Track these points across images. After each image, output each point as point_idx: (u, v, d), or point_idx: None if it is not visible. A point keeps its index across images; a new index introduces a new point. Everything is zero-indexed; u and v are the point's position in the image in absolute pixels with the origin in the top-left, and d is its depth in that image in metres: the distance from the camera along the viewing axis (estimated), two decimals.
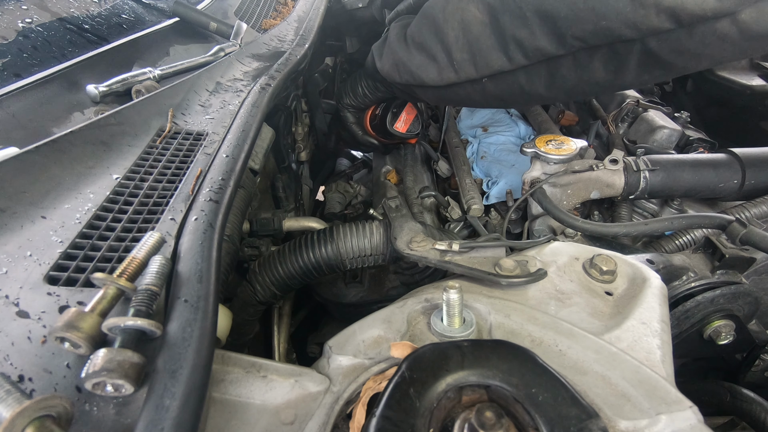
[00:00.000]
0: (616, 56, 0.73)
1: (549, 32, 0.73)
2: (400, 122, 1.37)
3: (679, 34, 0.66)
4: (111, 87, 0.83)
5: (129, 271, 0.45)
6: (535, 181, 1.02)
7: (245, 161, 0.67)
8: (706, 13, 0.61)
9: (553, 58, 0.77)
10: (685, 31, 0.65)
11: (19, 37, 0.84)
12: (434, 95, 1.01)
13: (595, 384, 0.48)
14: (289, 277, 0.90)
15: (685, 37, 0.66)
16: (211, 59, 1.00)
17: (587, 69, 0.77)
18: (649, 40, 0.68)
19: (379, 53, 1.07)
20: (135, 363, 0.38)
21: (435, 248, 0.75)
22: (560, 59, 0.77)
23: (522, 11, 0.75)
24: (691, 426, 0.44)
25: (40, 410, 0.32)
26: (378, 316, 0.60)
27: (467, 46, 0.84)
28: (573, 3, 0.68)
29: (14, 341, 0.41)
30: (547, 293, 0.64)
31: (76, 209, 0.56)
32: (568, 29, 0.71)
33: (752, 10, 0.61)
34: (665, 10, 0.63)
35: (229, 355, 0.52)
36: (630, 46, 0.70)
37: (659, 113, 1.30)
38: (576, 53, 0.75)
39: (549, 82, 0.82)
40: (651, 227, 0.87)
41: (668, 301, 0.65)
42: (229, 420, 0.47)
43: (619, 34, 0.68)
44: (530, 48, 0.77)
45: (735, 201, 1.02)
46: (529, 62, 0.79)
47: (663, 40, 0.67)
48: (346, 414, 0.49)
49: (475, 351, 0.45)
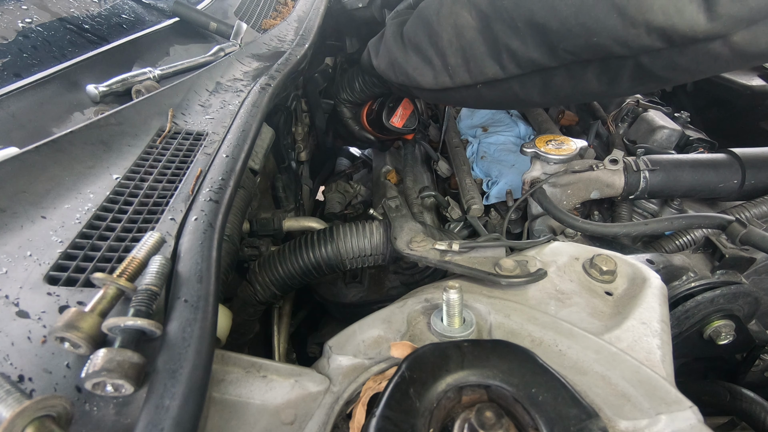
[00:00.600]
0: (609, 69, 0.72)
1: (541, 44, 0.73)
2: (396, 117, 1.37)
3: (671, 53, 0.65)
4: (111, 87, 0.82)
5: (129, 271, 0.45)
6: (535, 181, 1.02)
7: (245, 161, 0.67)
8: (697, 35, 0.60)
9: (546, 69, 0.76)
10: (677, 50, 0.64)
11: (19, 37, 0.84)
12: (431, 97, 1.01)
13: (595, 384, 0.48)
14: (289, 277, 0.90)
15: (677, 55, 0.65)
16: (211, 59, 1.00)
17: (581, 80, 0.76)
18: (641, 57, 0.67)
19: (375, 51, 1.06)
20: (135, 363, 0.38)
21: (435, 248, 0.75)
22: (554, 70, 0.76)
23: (514, 21, 0.74)
24: (691, 426, 0.44)
25: (40, 410, 0.32)
26: (378, 316, 0.60)
27: (461, 51, 0.84)
28: (564, 18, 0.67)
29: (14, 341, 0.41)
30: (547, 293, 0.64)
31: (76, 209, 0.56)
32: (559, 43, 0.70)
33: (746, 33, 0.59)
34: (656, 29, 0.62)
35: (229, 355, 0.52)
36: (622, 61, 0.70)
37: (659, 113, 1.30)
38: (569, 65, 0.74)
39: (543, 90, 0.81)
40: (651, 227, 0.87)
41: (668, 301, 0.65)
42: (229, 420, 0.47)
43: (610, 50, 0.67)
44: (523, 58, 0.76)
45: (735, 201, 1.02)
46: (522, 72, 0.79)
47: (655, 57, 0.66)
48: (346, 414, 0.49)
49: (475, 351, 0.45)
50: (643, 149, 1.18)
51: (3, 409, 0.33)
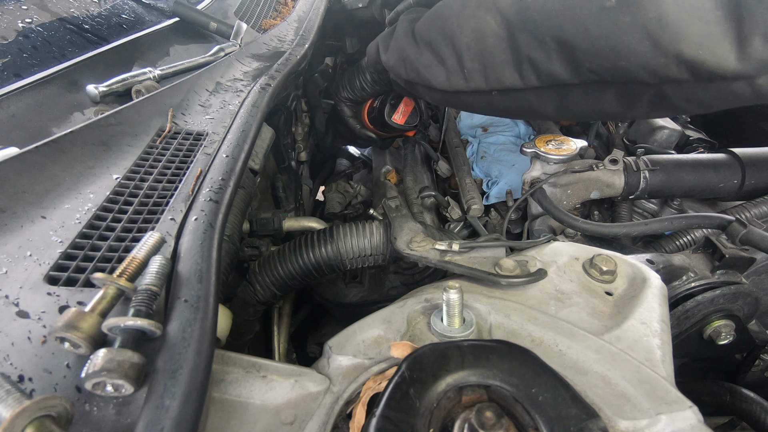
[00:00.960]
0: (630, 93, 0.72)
1: (565, 60, 0.72)
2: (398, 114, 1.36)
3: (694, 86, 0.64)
4: (111, 87, 0.82)
5: (129, 271, 0.45)
6: (535, 181, 1.02)
7: (245, 161, 0.67)
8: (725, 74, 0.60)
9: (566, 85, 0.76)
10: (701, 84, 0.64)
11: (19, 37, 0.84)
12: (439, 98, 0.99)
13: (595, 384, 0.48)
14: (289, 277, 0.90)
15: (700, 89, 0.64)
16: (211, 59, 1.00)
17: (599, 100, 0.75)
18: (665, 86, 0.67)
19: (385, 46, 1.04)
20: (135, 363, 0.38)
21: (435, 248, 0.75)
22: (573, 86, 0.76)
23: (541, 34, 0.72)
24: (691, 426, 0.44)
25: (40, 410, 0.32)
26: (378, 316, 0.60)
27: (479, 56, 0.82)
28: (594, 38, 0.66)
29: (14, 341, 0.41)
30: (547, 293, 0.64)
31: (76, 209, 0.56)
32: (584, 62, 0.69)
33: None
34: (686, 62, 0.61)
35: (229, 355, 0.52)
36: (644, 88, 0.69)
37: None
38: (590, 84, 0.74)
39: (558, 104, 0.80)
40: (651, 227, 0.87)
41: (668, 301, 0.65)
42: (229, 420, 0.47)
43: (635, 76, 0.67)
44: (544, 71, 0.75)
45: (735, 201, 1.02)
46: (541, 84, 0.78)
47: (678, 88, 0.66)
48: (346, 414, 0.49)
49: (475, 351, 0.45)
50: (643, 149, 1.18)
51: (3, 409, 0.33)
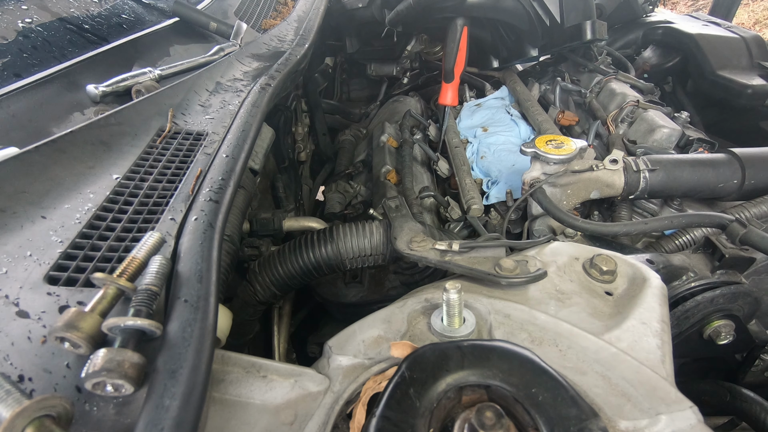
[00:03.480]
0: None
1: None
2: None
3: None
4: (111, 87, 0.82)
5: (129, 271, 0.45)
6: (535, 181, 1.02)
7: (245, 161, 0.67)
8: None
9: None
10: None
11: (19, 37, 0.84)
12: None
13: (595, 384, 0.48)
14: (289, 277, 0.90)
15: None
16: (211, 59, 1.00)
17: None
18: None
19: None
20: (135, 363, 0.38)
21: (435, 248, 0.75)
22: None
23: None
24: (691, 426, 0.44)
25: (40, 410, 0.32)
26: (378, 316, 0.60)
27: None
28: None
29: (14, 341, 0.41)
30: (547, 293, 0.64)
31: (76, 209, 0.56)
32: None
33: None
34: None
35: (229, 355, 0.52)
36: None
37: (659, 113, 1.30)
38: None
39: None
40: (651, 226, 0.87)
41: (668, 301, 0.65)
42: (229, 420, 0.47)
43: None
44: None
45: (735, 201, 1.02)
46: None
47: None
48: (346, 414, 0.49)
49: (475, 351, 0.45)
50: (643, 149, 1.18)
51: (3, 409, 0.33)
